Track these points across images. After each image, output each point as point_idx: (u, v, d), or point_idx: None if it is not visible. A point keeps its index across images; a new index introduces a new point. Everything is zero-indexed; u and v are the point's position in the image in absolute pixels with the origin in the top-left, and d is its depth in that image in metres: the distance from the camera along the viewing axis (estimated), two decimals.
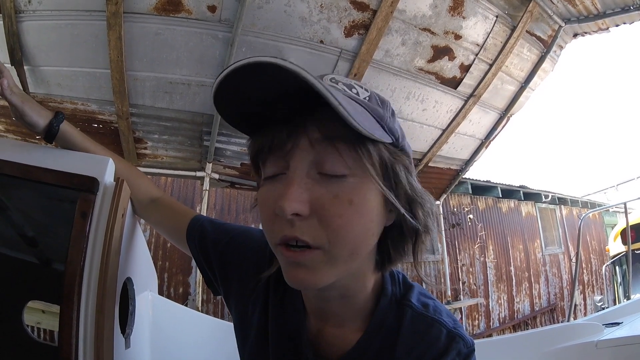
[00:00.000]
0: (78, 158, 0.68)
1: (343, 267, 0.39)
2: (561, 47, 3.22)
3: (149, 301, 0.92)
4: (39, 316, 1.67)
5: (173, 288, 3.65)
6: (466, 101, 3.16)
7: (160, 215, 0.73)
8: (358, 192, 0.37)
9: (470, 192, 6.43)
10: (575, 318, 6.36)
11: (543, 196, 7.93)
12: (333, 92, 0.32)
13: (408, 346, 0.44)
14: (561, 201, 8.59)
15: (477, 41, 2.75)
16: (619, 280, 4.32)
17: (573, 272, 7.85)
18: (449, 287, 4.92)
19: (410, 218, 0.41)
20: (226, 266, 0.59)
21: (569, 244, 8.46)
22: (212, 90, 0.35)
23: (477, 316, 6.03)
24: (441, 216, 5.32)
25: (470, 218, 6.28)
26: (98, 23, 1.96)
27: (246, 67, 0.32)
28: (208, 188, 2.90)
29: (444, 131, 3.35)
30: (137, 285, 0.79)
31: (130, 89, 2.29)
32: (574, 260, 7.77)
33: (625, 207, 3.54)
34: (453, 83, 2.97)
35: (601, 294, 5.82)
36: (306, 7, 2.15)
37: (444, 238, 5.19)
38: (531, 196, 7.75)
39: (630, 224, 3.56)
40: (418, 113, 3.05)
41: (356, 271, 0.43)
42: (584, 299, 8.42)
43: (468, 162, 3.97)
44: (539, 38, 3.02)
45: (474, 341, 0.47)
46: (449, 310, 0.50)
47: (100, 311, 0.59)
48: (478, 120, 3.49)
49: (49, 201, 0.72)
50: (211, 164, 2.87)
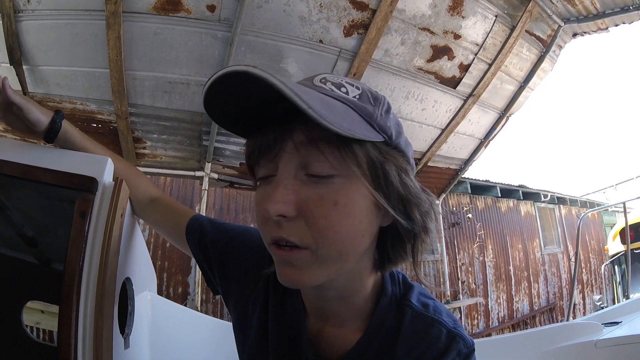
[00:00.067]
0: (77, 158, 0.67)
1: (333, 268, 0.39)
2: (560, 47, 3.23)
3: (148, 301, 0.92)
4: (38, 316, 1.67)
5: (172, 288, 3.65)
6: (465, 101, 3.16)
7: (159, 215, 0.73)
8: (344, 193, 0.37)
9: (469, 192, 6.44)
10: (574, 317, 6.37)
11: (542, 196, 7.95)
12: (303, 96, 0.31)
13: (408, 346, 0.44)
14: (560, 201, 8.61)
15: (477, 41, 2.75)
16: (618, 279, 4.33)
17: (572, 272, 7.84)
18: (448, 287, 4.93)
19: (402, 219, 0.40)
20: (225, 266, 0.59)
21: (568, 244, 8.48)
22: (202, 100, 0.37)
23: (477, 315, 6.04)
24: (440, 216, 5.32)
25: (469, 217, 6.29)
26: (97, 22, 1.96)
27: (223, 78, 0.33)
28: (207, 188, 2.91)
29: (443, 131, 3.35)
30: (136, 285, 0.79)
31: (129, 89, 2.29)
32: (573, 259, 7.77)
33: (624, 207, 3.54)
34: (452, 83, 2.97)
35: (600, 294, 5.83)
36: (305, 7, 2.15)
37: (443, 238, 5.20)
38: (530, 195, 7.77)
39: (629, 224, 3.57)
40: (417, 112, 3.05)
41: (352, 271, 0.43)
42: (583, 299, 8.44)
43: (467, 162, 3.97)
44: (539, 38, 3.02)
45: (474, 341, 0.47)
46: (449, 309, 0.50)
47: (99, 311, 0.59)
48: (477, 119, 3.49)
49: (48, 201, 0.72)
50: (210, 164, 2.87)
